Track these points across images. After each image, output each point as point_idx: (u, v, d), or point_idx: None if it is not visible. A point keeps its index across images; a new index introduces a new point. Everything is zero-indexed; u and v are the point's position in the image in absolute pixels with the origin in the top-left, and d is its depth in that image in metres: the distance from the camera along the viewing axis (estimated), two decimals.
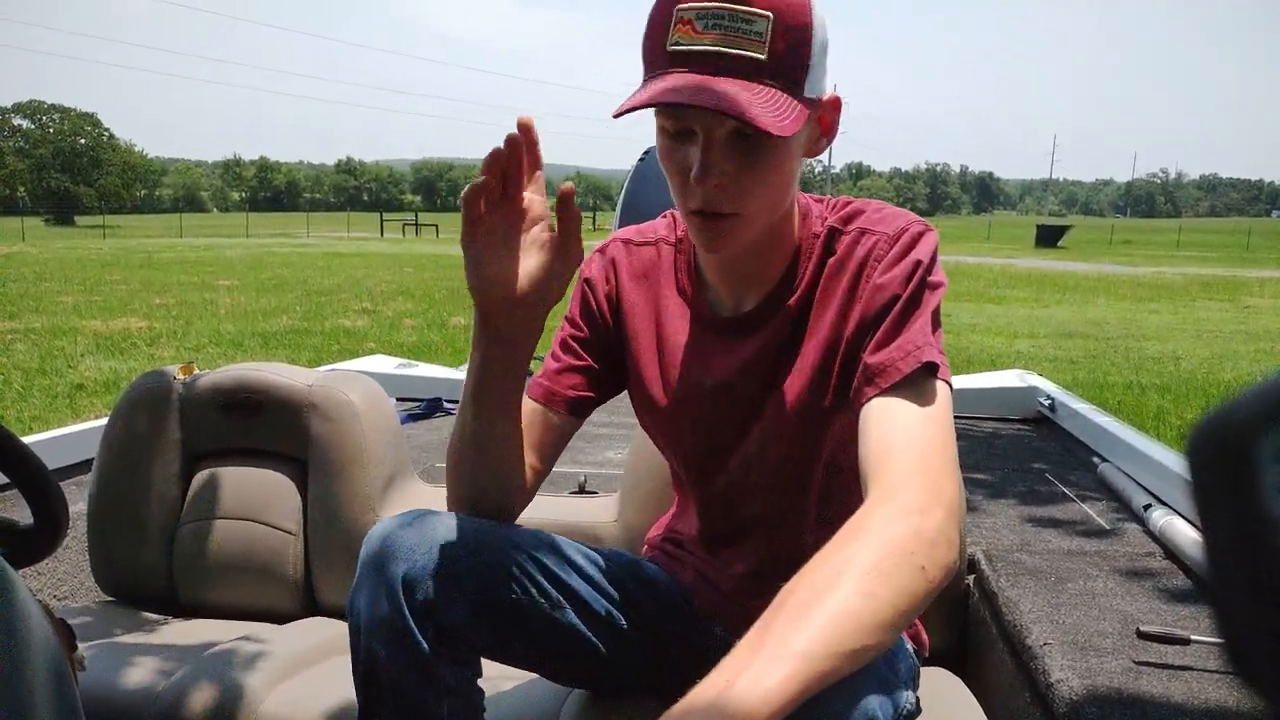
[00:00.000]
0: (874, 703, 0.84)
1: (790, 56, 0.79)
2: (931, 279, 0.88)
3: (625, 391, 1.10)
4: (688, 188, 0.85)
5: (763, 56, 0.78)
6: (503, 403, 0.93)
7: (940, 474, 0.76)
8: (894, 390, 0.82)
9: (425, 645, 0.88)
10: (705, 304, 1.01)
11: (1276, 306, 12.37)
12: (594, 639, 1.02)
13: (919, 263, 0.88)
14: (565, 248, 0.86)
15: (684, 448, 1.06)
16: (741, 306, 0.98)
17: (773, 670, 0.59)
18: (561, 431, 1.05)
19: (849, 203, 0.97)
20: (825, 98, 0.85)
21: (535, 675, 1.09)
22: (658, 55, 0.81)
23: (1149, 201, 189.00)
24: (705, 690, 0.60)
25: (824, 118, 0.87)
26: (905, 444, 0.78)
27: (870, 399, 0.83)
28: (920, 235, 0.90)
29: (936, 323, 0.88)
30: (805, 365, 0.94)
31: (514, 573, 0.95)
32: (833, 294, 0.93)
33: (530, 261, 0.86)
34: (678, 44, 0.79)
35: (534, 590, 0.97)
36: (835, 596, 0.64)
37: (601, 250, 1.09)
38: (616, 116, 0.80)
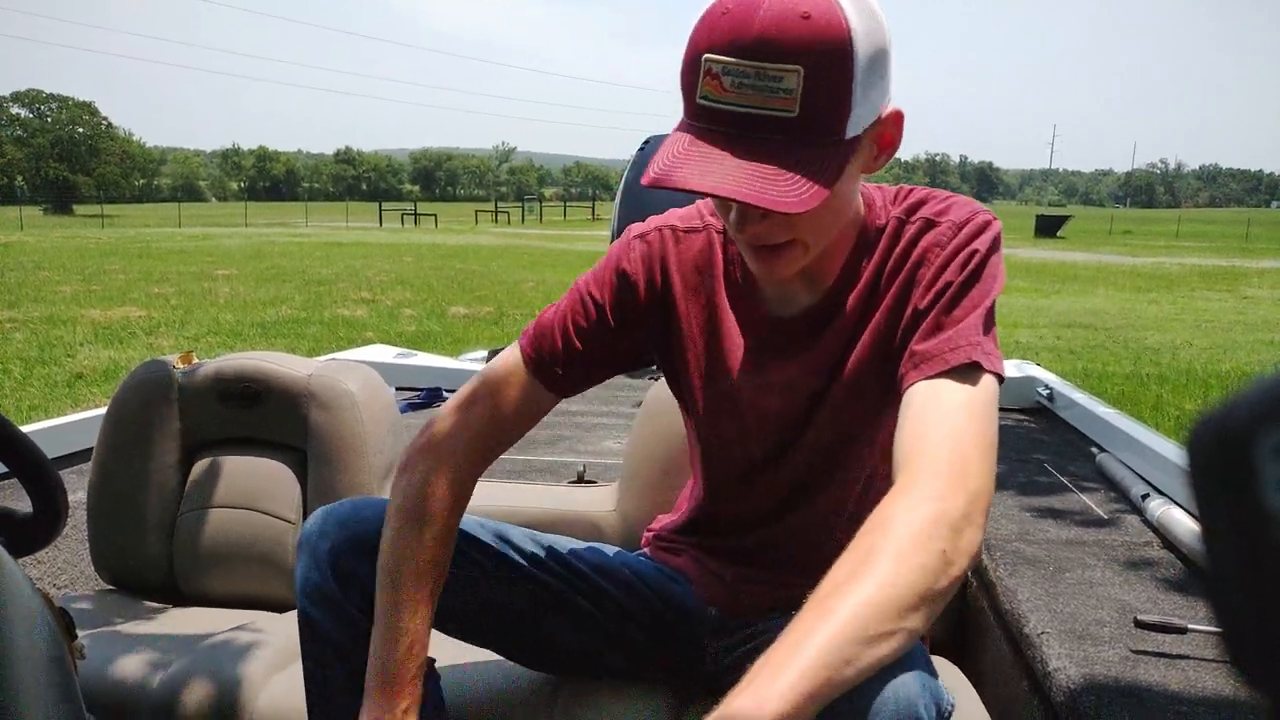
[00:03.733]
0: (917, 700, 0.78)
1: (827, 105, 0.73)
2: (988, 271, 0.84)
3: (621, 375, 1.09)
4: (733, 224, 0.82)
5: (793, 113, 0.73)
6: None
7: (969, 461, 0.73)
8: (938, 378, 0.79)
9: (353, 610, 0.95)
10: (762, 303, 0.96)
11: (1276, 297, 12.35)
12: (550, 618, 1.04)
13: (976, 252, 0.85)
14: None
15: (736, 452, 1.02)
16: (800, 304, 0.94)
17: (790, 668, 0.61)
18: (544, 409, 1.00)
19: (911, 191, 0.93)
20: (885, 114, 0.79)
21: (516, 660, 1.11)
22: (689, 102, 0.77)
23: (1148, 192, 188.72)
24: (737, 700, 0.61)
25: (884, 134, 0.81)
26: (939, 432, 0.75)
27: (914, 384, 0.80)
28: (984, 226, 0.87)
29: (991, 321, 0.84)
30: (865, 359, 0.92)
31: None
32: (894, 284, 0.89)
33: None
34: (705, 98, 0.75)
35: (470, 568, 1.00)
36: (857, 588, 0.65)
37: (643, 237, 0.99)
38: (646, 185, 0.76)
